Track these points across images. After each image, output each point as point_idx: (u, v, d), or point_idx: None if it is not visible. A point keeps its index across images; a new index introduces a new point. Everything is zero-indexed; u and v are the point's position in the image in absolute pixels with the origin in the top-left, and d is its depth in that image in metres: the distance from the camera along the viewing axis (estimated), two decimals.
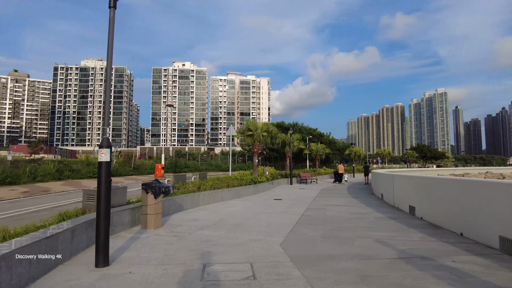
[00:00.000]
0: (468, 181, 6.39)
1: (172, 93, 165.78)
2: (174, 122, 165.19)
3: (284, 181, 23.05)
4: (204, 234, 6.45)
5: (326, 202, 12.34)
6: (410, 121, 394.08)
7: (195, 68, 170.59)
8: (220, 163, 43.26)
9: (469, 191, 6.17)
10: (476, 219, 5.86)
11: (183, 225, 7.38)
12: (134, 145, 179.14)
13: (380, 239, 6.10)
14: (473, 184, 6.16)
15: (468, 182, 6.37)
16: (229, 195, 12.85)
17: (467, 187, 6.28)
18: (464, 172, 51.55)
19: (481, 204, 5.74)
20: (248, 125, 19.17)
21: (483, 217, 5.66)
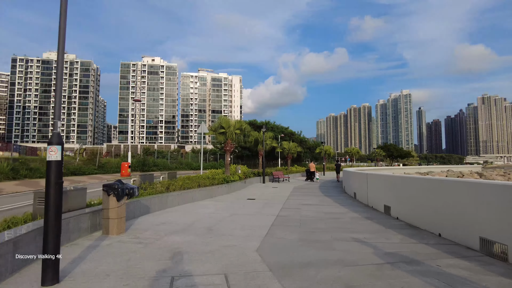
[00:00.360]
0: (445, 180, 6.31)
1: (141, 89, 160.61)
2: (143, 119, 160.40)
3: (256, 179, 22.71)
4: (173, 240, 5.89)
5: (300, 201, 12.11)
6: (377, 121, 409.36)
7: (165, 63, 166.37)
8: (191, 162, 42.20)
9: (446, 191, 6.08)
10: (454, 219, 5.77)
11: (149, 230, 6.76)
12: (101, 142, 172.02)
13: (359, 241, 5.85)
14: (451, 184, 6.07)
15: (445, 181, 6.28)
16: (201, 195, 12.27)
17: (444, 187, 6.20)
18: (428, 171, 54.05)
19: (459, 204, 5.64)
20: (221, 122, 18.61)
21: (462, 218, 5.57)
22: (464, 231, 5.48)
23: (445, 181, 6.26)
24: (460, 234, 5.60)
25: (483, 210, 5.06)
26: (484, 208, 5.04)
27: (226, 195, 14.29)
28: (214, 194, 13.41)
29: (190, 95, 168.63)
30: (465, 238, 5.44)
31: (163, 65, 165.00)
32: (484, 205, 5.06)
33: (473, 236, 5.24)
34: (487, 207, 4.99)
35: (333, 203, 11.89)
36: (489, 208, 4.94)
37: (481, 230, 5.08)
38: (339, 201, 12.49)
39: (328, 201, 12.50)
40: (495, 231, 4.81)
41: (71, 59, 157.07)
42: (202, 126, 17.87)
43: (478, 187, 5.31)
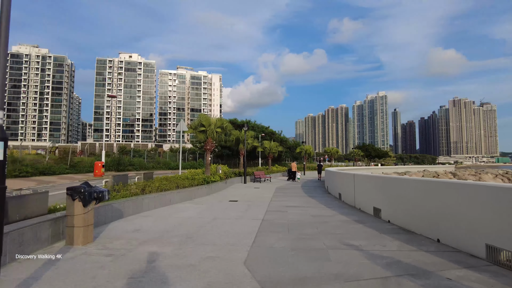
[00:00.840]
0: (444, 182, 5.94)
1: (117, 86, 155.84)
2: (119, 117, 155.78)
3: (238, 179, 22.07)
4: (148, 251, 5.17)
5: (285, 203, 11.59)
6: (353, 122, 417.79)
7: (143, 60, 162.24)
8: (169, 161, 40.90)
9: (445, 194, 5.70)
10: (455, 225, 5.38)
11: (121, 239, 6.00)
12: (75, 140, 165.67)
13: (355, 249, 5.36)
14: (451, 186, 5.69)
15: (443, 184, 5.91)
16: (179, 198, 11.50)
17: (443, 189, 5.81)
18: (405, 171, 55.25)
19: (460, 209, 5.26)
20: (201, 120, 17.81)
21: (464, 223, 5.18)
22: (467, 237, 5.10)
23: (444, 183, 5.88)
24: (462, 240, 5.22)
25: (489, 215, 4.68)
26: (490, 213, 4.66)
27: (206, 196, 13.56)
28: (193, 196, 12.66)
29: (168, 93, 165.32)
30: (468, 244, 5.06)
31: (141, 62, 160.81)
32: (490, 209, 4.68)
33: (478, 242, 4.86)
34: (493, 212, 4.61)
35: (318, 204, 11.44)
36: (496, 213, 4.56)
37: (487, 236, 4.70)
38: (324, 202, 12.07)
39: (313, 202, 12.05)
40: (503, 237, 4.43)
41: (44, 54, 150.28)
42: (181, 124, 17.02)
43: (483, 190, 4.93)
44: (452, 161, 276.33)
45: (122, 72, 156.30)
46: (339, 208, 10.50)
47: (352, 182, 10.88)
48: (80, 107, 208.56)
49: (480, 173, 55.61)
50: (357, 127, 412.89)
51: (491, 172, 55.79)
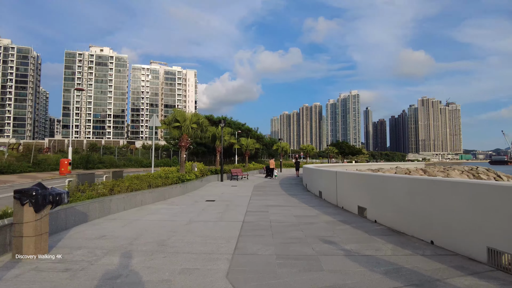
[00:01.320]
0: (438, 181, 5.60)
1: (87, 81, 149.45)
2: (89, 113, 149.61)
3: (214, 177, 21.32)
4: (114, 263, 4.44)
5: (265, 202, 11.04)
6: (327, 120, 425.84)
7: (115, 54, 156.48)
8: (141, 159, 39.32)
9: (439, 193, 5.35)
10: (451, 226, 5.04)
11: (83, 248, 5.20)
12: (42, 137, 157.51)
13: (347, 254, 4.89)
14: (446, 185, 5.34)
15: (437, 182, 5.56)
16: (152, 198, 10.67)
17: (437, 188, 5.47)
18: (378, 167, 56.53)
19: (457, 209, 4.91)
20: (175, 115, 16.90)
21: (461, 224, 4.84)
22: (465, 239, 4.76)
23: (438, 182, 5.54)
24: (459, 243, 4.88)
25: (490, 216, 4.34)
26: (492, 214, 4.32)
27: (181, 196, 12.77)
28: (167, 195, 11.84)
29: (141, 88, 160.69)
30: (467, 247, 4.72)
31: (113, 56, 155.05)
32: (491, 210, 4.34)
33: (478, 245, 4.51)
34: (495, 213, 4.27)
35: (300, 203, 10.99)
36: (498, 214, 4.23)
37: (488, 239, 4.36)
38: (305, 201, 11.65)
39: (294, 201, 11.59)
40: (507, 240, 4.10)
41: (5, 44, 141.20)
42: (154, 119, 16.04)
43: (483, 189, 4.60)
44: (420, 158, 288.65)
45: (92, 66, 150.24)
46: (322, 207, 10.09)
47: (334, 179, 10.51)
48: (48, 102, 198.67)
49: (448, 170, 58.03)
50: (330, 125, 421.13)
51: (458, 169, 58.33)
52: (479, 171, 55.03)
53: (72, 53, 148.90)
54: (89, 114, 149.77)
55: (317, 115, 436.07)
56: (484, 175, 51.97)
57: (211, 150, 42.01)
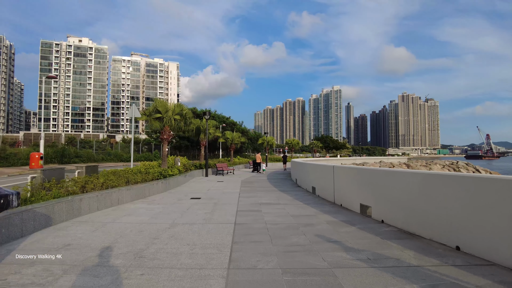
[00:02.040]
0: (463, 177, 4.83)
1: (65, 72, 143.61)
2: (68, 105, 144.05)
3: (198, 172, 20.25)
4: (76, 285, 3.42)
5: (255, 200, 10.13)
6: (310, 115, 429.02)
7: (94, 45, 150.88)
8: (121, 153, 37.59)
9: (468, 191, 4.59)
10: (485, 228, 4.28)
11: (36, 264, 4.13)
12: (17, 130, 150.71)
13: (366, 266, 4.04)
14: (476, 182, 4.57)
15: (463, 178, 4.79)
16: (130, 196, 9.56)
17: (465, 184, 4.70)
18: (362, 161, 56.74)
19: (494, 210, 4.15)
20: (157, 105, 15.68)
21: (499, 226, 4.08)
22: (505, 246, 4.00)
23: (467, 178, 4.76)
24: (495, 249, 4.12)
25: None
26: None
27: (163, 193, 11.68)
28: (147, 193, 10.74)
29: (121, 80, 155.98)
30: (509, 256, 3.96)
31: (92, 47, 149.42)
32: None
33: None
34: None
35: (293, 200, 10.14)
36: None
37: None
38: (298, 197, 10.82)
39: (287, 198, 10.73)
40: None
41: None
42: (133, 109, 14.78)
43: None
44: (400, 152, 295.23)
45: (70, 57, 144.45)
46: (318, 205, 9.27)
47: (331, 175, 9.71)
48: (23, 94, 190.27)
49: (430, 164, 59.09)
50: (313, 119, 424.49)
51: (439, 163, 59.48)
52: (459, 165, 56.25)
53: (48, 43, 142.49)
54: (67, 107, 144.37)
55: (300, 110, 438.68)
56: (464, 169, 53.14)
57: (195, 144, 40.73)
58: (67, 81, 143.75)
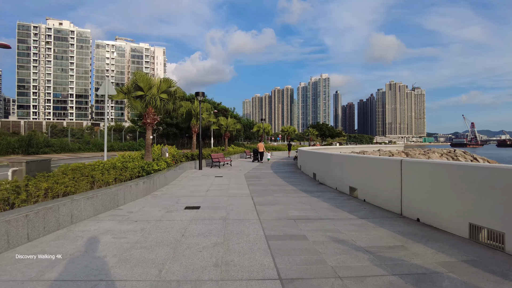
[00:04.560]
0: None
1: (45, 57, 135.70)
2: (49, 92, 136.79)
3: (190, 165, 16.92)
4: None
5: (280, 209, 6.91)
6: (298, 103, 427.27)
7: (76, 29, 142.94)
8: (102, 141, 33.68)
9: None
10: None
11: None
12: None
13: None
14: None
15: None
16: (92, 208, 6.21)
17: None
18: (361, 150, 54.37)
19: None
20: (137, 80, 12.17)
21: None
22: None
23: None
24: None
25: None
26: None
27: (145, 198, 8.33)
28: (122, 200, 7.40)
29: (106, 66, 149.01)
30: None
31: (73, 31, 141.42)
32: None
33: None
34: None
35: (336, 210, 6.98)
36: None
37: None
38: (338, 204, 7.68)
39: (323, 205, 7.55)
40: None
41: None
42: (106, 84, 11.27)
43: None
44: (387, 140, 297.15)
45: (50, 41, 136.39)
46: (381, 220, 6.14)
47: (396, 173, 6.58)
48: (1, 80, 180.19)
49: (428, 152, 57.28)
50: (301, 108, 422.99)
51: (437, 152, 57.77)
52: (457, 154, 54.62)
53: (26, 25, 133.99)
54: (48, 94, 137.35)
55: (288, 98, 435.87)
56: (462, 158, 51.46)
57: (183, 132, 37.10)
58: (47, 67, 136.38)
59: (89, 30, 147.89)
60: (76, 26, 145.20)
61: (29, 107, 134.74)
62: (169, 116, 33.64)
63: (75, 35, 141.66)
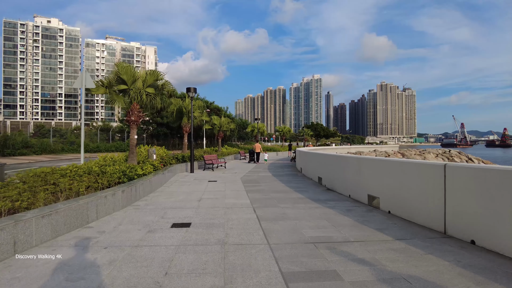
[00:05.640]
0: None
1: (33, 55, 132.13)
2: (37, 91, 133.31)
3: (181, 167, 15.44)
4: None
5: (292, 227, 5.51)
6: (290, 103, 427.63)
7: (65, 27, 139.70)
8: (87, 141, 31.88)
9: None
10: None
11: None
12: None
13: None
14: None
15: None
16: (49, 228, 4.69)
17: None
18: (356, 150, 53.47)
19: None
20: (119, 72, 10.67)
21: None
22: None
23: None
24: None
25: None
26: None
27: (123, 212, 6.82)
28: (93, 215, 5.90)
29: (95, 65, 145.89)
30: None
31: (62, 29, 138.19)
32: None
33: None
34: None
35: (364, 228, 5.65)
36: None
37: None
38: (363, 218, 6.33)
39: (344, 220, 6.20)
40: None
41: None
42: (83, 77, 9.76)
43: None
44: (378, 141, 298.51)
45: (38, 39, 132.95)
46: (430, 243, 4.83)
47: (438, 181, 5.27)
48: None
49: (424, 153, 56.69)
50: (293, 108, 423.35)
51: (433, 152, 57.26)
52: (452, 154, 54.11)
53: (12, 22, 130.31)
54: (36, 93, 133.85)
55: (281, 99, 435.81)
56: (457, 158, 50.89)
57: (176, 132, 35.49)
58: (35, 65, 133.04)
59: (78, 29, 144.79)
60: (65, 24, 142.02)
61: (16, 107, 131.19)
62: (160, 115, 32.04)
63: (64, 34, 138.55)
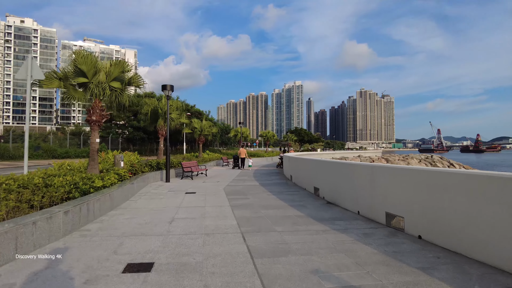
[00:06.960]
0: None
1: (4, 56, 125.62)
2: (8, 94, 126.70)
3: (154, 176, 13.47)
4: None
5: (297, 264, 3.83)
6: (272, 109, 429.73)
7: (40, 28, 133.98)
8: (54, 147, 29.04)
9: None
10: None
11: None
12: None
13: None
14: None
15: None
16: None
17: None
18: (341, 156, 52.64)
19: None
20: (78, 61, 8.74)
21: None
22: None
23: None
24: None
25: None
26: None
27: (63, 244, 4.83)
28: (8, 253, 3.98)
29: None
30: None
31: (37, 29, 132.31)
32: None
33: None
34: None
35: (404, 266, 4.03)
36: None
37: None
38: (392, 249, 4.76)
39: (372, 256, 4.61)
40: None
41: None
42: (29, 65, 7.83)
43: None
44: (358, 146, 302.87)
45: (10, 39, 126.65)
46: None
47: (504, 196, 3.76)
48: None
49: (407, 158, 56.55)
50: (275, 114, 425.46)
51: (416, 158, 57.26)
52: (435, 160, 54.22)
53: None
54: (7, 96, 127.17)
55: (263, 104, 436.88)
56: (440, 163, 50.96)
57: (151, 136, 33.27)
58: (7, 67, 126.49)
59: (54, 30, 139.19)
60: (40, 25, 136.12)
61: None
62: (136, 118, 29.80)
63: (38, 34, 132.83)
